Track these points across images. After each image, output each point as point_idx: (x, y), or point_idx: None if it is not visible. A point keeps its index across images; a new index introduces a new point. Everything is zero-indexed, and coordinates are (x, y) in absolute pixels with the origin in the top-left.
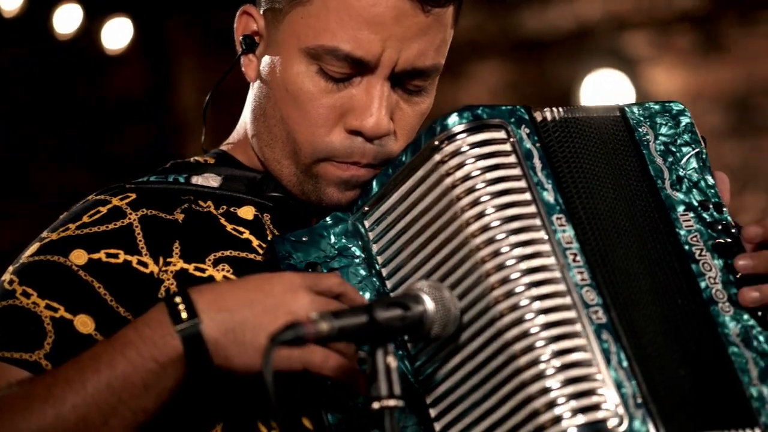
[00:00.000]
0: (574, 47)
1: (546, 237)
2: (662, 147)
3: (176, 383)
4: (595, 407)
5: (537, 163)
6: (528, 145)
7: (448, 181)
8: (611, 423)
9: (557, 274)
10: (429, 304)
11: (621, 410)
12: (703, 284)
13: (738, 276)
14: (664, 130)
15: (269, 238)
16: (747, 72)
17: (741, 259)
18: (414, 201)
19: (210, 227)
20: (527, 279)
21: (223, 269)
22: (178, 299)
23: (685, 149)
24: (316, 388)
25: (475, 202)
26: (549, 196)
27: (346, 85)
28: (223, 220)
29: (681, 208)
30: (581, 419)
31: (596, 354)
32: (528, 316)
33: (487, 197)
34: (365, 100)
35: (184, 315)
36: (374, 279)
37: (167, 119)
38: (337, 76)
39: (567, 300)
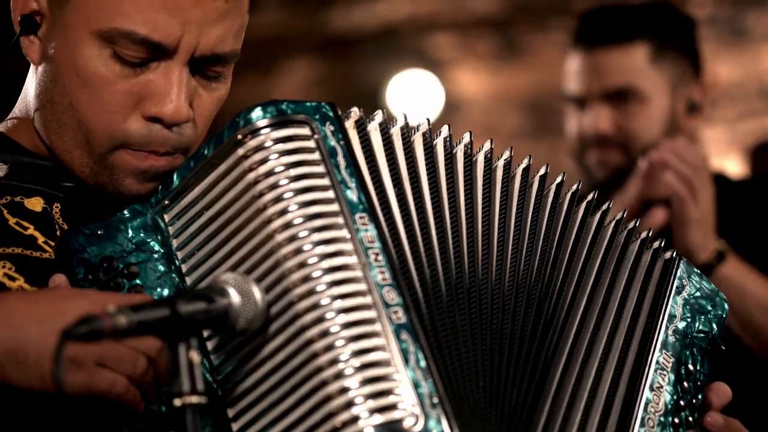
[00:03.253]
0: (381, 46)
1: (348, 236)
2: (686, 303)
3: None
4: (392, 407)
5: (341, 161)
6: (332, 142)
7: (251, 176)
8: (407, 423)
9: (358, 273)
10: (235, 297)
11: (417, 410)
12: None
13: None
14: (696, 293)
15: (58, 234)
16: (542, 77)
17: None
18: (216, 195)
19: None
20: (328, 277)
21: (4, 267)
22: None
23: (703, 325)
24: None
25: (278, 199)
26: (352, 195)
27: (143, 70)
28: (6, 213)
29: (663, 345)
30: (378, 419)
31: (395, 354)
32: (328, 315)
33: (290, 194)
34: (164, 86)
35: None
36: (173, 275)
37: None
38: (134, 61)
39: (367, 299)
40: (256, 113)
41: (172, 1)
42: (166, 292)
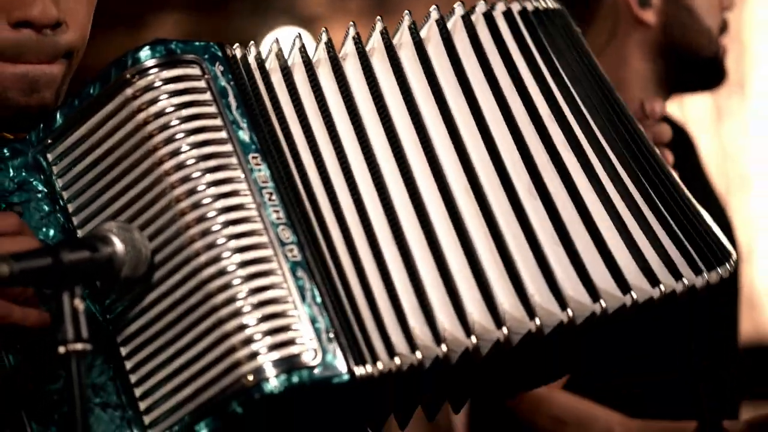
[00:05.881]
0: (254, 3)
1: (242, 176)
2: None
3: None
4: (290, 342)
5: (232, 101)
6: (222, 82)
7: (141, 116)
8: (306, 357)
9: (253, 213)
10: (118, 245)
11: (315, 344)
12: None
13: None
14: None
15: None
16: None
17: None
18: (104, 135)
19: None
20: (223, 217)
21: None
22: None
23: None
24: None
25: (170, 140)
26: (245, 135)
27: None
28: None
29: None
30: (276, 354)
31: (292, 291)
32: (224, 255)
33: (182, 134)
34: None
35: None
36: (59, 215)
37: None
38: None
39: (263, 238)
40: (145, 52)
41: None
42: (52, 232)
